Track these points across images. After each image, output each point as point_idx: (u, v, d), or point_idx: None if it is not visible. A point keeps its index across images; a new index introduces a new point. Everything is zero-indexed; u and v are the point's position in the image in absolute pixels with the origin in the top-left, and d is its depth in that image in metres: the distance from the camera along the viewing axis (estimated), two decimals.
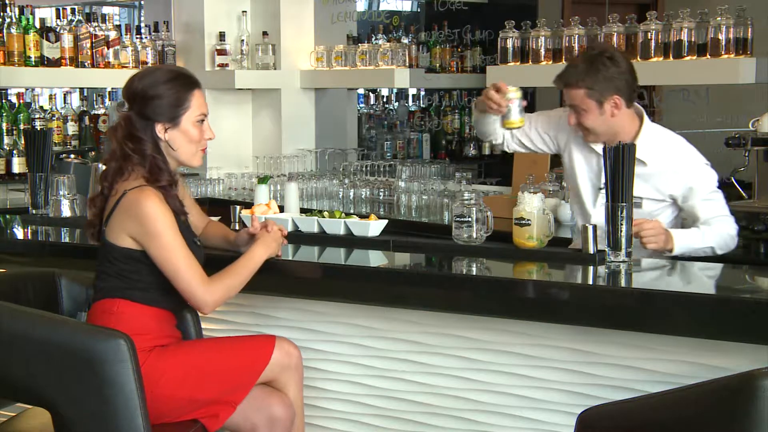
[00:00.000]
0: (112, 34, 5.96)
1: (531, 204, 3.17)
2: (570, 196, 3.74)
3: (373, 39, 6.34)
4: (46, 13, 6.12)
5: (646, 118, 3.45)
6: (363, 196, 5.38)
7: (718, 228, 3.32)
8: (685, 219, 3.44)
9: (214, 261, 3.08)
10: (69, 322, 2.87)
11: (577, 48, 4.68)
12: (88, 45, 5.82)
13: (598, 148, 3.41)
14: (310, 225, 3.55)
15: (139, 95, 2.97)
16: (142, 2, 7.98)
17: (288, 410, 3.00)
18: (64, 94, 6.60)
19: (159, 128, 2.98)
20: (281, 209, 3.75)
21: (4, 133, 5.79)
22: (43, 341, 2.60)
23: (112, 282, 2.96)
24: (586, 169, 3.54)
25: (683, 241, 3.26)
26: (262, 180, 4.01)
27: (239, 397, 2.94)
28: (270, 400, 2.99)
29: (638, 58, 4.46)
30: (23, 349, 2.60)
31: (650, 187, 3.37)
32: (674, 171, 3.38)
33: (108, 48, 5.91)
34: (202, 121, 3.04)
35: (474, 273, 3.12)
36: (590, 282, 2.98)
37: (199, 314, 3.16)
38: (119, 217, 2.93)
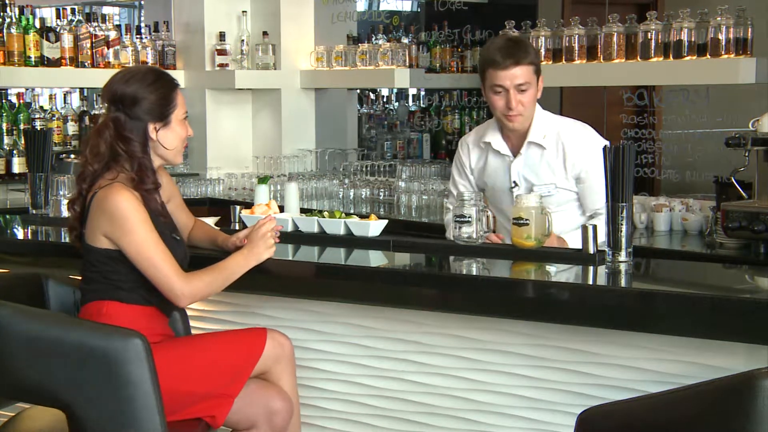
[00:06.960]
0: (112, 34, 5.96)
1: (529, 203, 3.17)
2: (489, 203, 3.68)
3: (373, 39, 6.34)
4: (46, 13, 6.13)
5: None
6: (363, 196, 5.39)
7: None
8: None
9: (206, 262, 3.08)
10: (84, 322, 2.86)
11: (577, 48, 4.67)
12: (88, 45, 5.83)
13: (503, 149, 3.55)
14: (310, 225, 3.54)
15: (129, 97, 2.98)
16: (142, 2, 7.98)
17: (286, 402, 3.01)
18: (64, 94, 6.60)
19: (151, 128, 3.00)
20: (281, 209, 3.75)
21: (4, 133, 5.79)
22: (58, 342, 2.59)
23: (97, 285, 2.97)
24: (500, 176, 3.59)
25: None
26: (262, 180, 4.01)
27: (236, 390, 2.95)
28: (267, 394, 3.00)
29: (638, 58, 4.45)
30: (38, 350, 2.59)
31: (551, 173, 3.48)
32: (571, 151, 3.47)
33: (108, 48, 5.91)
34: (185, 118, 3.10)
35: (474, 273, 3.12)
36: (590, 282, 2.98)
37: (187, 312, 3.17)
38: (92, 216, 2.94)
